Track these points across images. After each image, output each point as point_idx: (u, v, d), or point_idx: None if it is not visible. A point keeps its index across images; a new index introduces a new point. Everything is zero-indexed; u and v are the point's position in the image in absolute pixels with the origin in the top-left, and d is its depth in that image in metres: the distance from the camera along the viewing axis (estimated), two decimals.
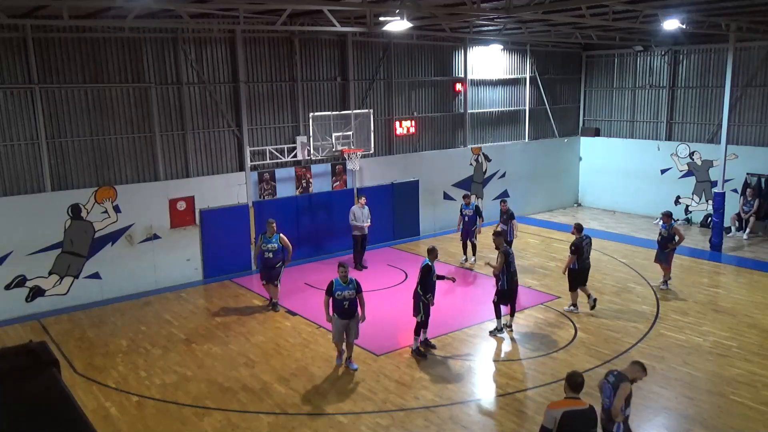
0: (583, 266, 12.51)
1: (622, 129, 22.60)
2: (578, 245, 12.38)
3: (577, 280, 12.58)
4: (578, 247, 12.37)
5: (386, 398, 9.41)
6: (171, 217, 14.86)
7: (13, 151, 13.01)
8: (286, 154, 16.26)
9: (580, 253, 12.41)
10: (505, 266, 11.49)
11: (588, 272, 12.73)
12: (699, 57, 20.29)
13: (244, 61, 15.53)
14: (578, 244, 12.39)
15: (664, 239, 13.86)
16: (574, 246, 12.42)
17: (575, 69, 23.24)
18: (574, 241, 12.50)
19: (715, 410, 8.95)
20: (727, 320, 12.25)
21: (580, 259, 12.42)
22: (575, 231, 12.63)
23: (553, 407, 6.28)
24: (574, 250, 12.38)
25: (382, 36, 17.52)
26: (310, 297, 13.99)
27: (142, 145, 14.47)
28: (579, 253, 12.38)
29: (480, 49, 20.25)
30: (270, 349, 11.28)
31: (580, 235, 12.51)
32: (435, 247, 11.26)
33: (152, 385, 9.99)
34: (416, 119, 18.98)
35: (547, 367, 10.32)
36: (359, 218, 15.66)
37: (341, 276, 10.10)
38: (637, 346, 11.07)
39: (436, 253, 11.07)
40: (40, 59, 13.02)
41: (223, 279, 15.32)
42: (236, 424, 8.80)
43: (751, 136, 19.20)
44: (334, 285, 10.10)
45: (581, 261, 12.44)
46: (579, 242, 12.41)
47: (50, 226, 13.34)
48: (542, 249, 17.77)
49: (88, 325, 12.64)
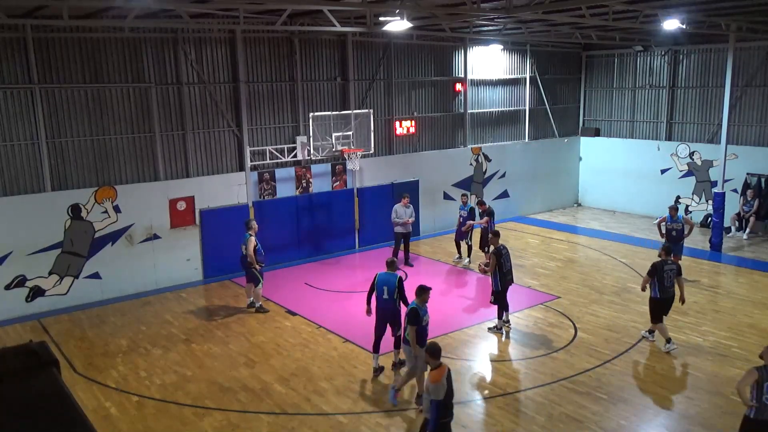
0: (666, 295, 10.84)
1: (622, 129, 22.60)
2: (658, 267, 10.76)
3: (659, 310, 10.93)
4: (657, 268, 10.75)
5: (386, 398, 9.40)
6: (171, 217, 14.86)
7: (13, 151, 13.01)
8: (286, 154, 16.26)
9: (660, 277, 10.74)
10: (498, 267, 11.50)
11: (671, 304, 11.01)
12: (699, 57, 20.29)
13: (244, 61, 15.53)
14: (658, 267, 10.76)
15: (678, 232, 14.23)
16: (652, 267, 10.85)
17: (575, 69, 23.25)
18: (655, 262, 10.92)
19: (715, 410, 8.94)
20: (727, 320, 12.26)
21: (662, 286, 10.77)
22: (663, 252, 11.05)
23: (438, 379, 6.95)
24: (651, 271, 10.79)
25: (382, 36, 17.52)
26: (310, 297, 14.00)
27: (142, 145, 14.47)
28: (659, 277, 10.73)
29: (480, 49, 20.25)
30: (270, 349, 11.28)
31: (665, 258, 10.88)
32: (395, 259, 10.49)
33: (152, 385, 9.99)
34: (416, 119, 18.98)
35: (547, 367, 10.32)
36: (401, 216, 15.80)
37: (423, 300, 8.99)
38: (637, 346, 11.08)
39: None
40: (40, 59, 13.02)
41: (223, 279, 15.32)
42: (236, 424, 8.80)
43: (751, 136, 19.20)
44: (419, 311, 8.89)
45: (662, 288, 10.78)
46: (660, 265, 10.78)
47: (50, 226, 13.34)
48: (542, 249, 17.77)
49: (88, 325, 12.65)
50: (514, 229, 19.92)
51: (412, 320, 8.85)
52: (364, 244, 18.08)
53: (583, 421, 8.69)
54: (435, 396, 6.91)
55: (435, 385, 6.93)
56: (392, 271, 10.11)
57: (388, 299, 9.95)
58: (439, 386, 6.91)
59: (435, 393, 6.91)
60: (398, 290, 9.87)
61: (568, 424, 8.63)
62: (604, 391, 9.48)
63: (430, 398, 6.96)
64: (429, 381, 7.04)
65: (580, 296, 13.71)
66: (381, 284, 10.00)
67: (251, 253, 12.66)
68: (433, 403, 6.92)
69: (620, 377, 9.95)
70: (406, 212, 15.93)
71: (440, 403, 6.91)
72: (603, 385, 9.67)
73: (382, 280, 10.00)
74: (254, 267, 12.79)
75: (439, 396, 6.90)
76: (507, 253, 11.77)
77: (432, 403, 6.94)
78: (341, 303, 13.63)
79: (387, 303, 9.98)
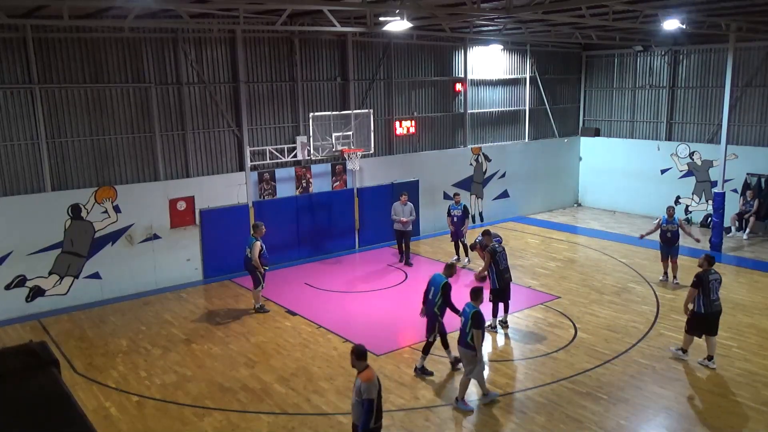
0: (712, 309, 10.06)
1: (622, 129, 22.60)
2: (703, 278, 10.03)
3: (700, 325, 10.17)
4: (702, 279, 10.02)
5: (386, 398, 9.37)
6: (171, 217, 14.86)
7: (13, 151, 13.01)
8: (286, 154, 16.26)
9: (706, 289, 10.03)
10: (494, 265, 11.52)
11: (718, 319, 10.18)
12: (699, 57, 20.29)
13: (244, 61, 15.53)
14: (703, 278, 10.04)
15: (673, 234, 14.15)
16: (696, 278, 10.07)
17: (575, 69, 23.25)
18: (698, 273, 10.14)
19: (715, 410, 8.95)
20: (727, 320, 12.22)
21: (707, 299, 10.02)
22: (705, 262, 10.28)
23: (371, 378, 6.69)
24: (696, 282, 10.03)
25: (382, 36, 17.52)
26: (310, 297, 14.00)
27: (142, 145, 14.47)
28: (704, 289, 10.03)
29: (480, 49, 20.25)
30: (270, 349, 11.28)
31: (708, 268, 10.18)
32: (454, 264, 10.70)
33: (152, 385, 9.99)
34: (416, 119, 18.98)
35: (547, 367, 10.32)
36: (399, 214, 15.98)
37: (481, 302, 9.11)
38: (637, 346, 11.08)
39: (455, 269, 10.14)
40: (40, 59, 13.02)
41: (223, 279, 15.32)
42: (236, 424, 8.80)
43: (751, 136, 19.20)
44: (482, 314, 9.03)
45: (708, 301, 10.03)
46: (704, 276, 10.05)
47: (50, 226, 13.34)
48: (542, 249, 17.77)
49: (88, 325, 12.65)
50: (514, 229, 19.92)
51: (478, 323, 8.75)
52: (364, 244, 18.08)
53: (583, 421, 8.69)
54: (368, 395, 6.61)
55: (368, 384, 6.63)
56: (445, 275, 10.14)
57: (431, 300, 10.05)
58: (372, 385, 6.64)
59: (368, 392, 6.61)
60: (441, 294, 9.87)
61: (568, 424, 8.63)
62: (604, 391, 9.48)
63: (362, 399, 6.62)
64: (361, 380, 6.67)
65: (580, 296, 13.71)
66: (431, 284, 10.21)
67: (256, 258, 12.66)
68: (367, 402, 6.60)
69: (620, 377, 9.95)
70: (404, 210, 16.03)
71: (373, 402, 6.62)
72: (603, 385, 9.67)
73: (433, 281, 10.21)
74: (259, 271, 12.79)
75: (372, 395, 6.62)
76: (503, 252, 11.78)
77: (365, 403, 6.61)
78: (341, 303, 13.64)
79: (430, 304, 10.07)
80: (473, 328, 8.79)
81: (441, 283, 9.96)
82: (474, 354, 8.85)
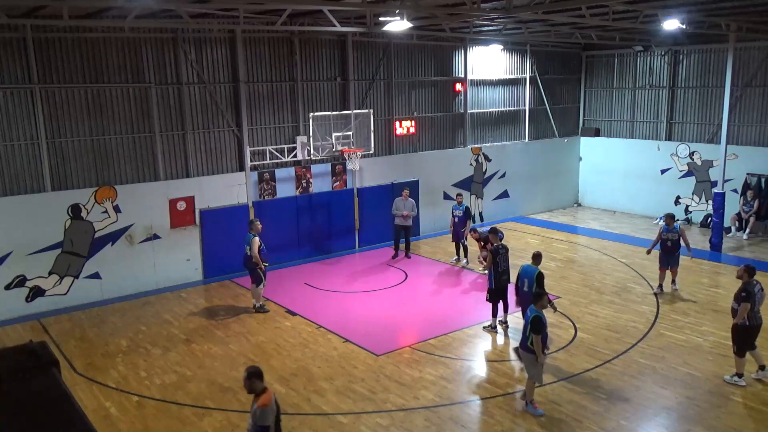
0: (756, 322, 9.60)
1: (622, 129, 22.59)
2: (750, 291, 9.54)
3: (748, 340, 9.66)
4: (750, 293, 9.52)
5: (386, 398, 9.41)
6: (171, 217, 14.86)
7: (13, 151, 13.01)
8: (286, 154, 16.26)
9: (753, 301, 9.52)
10: (493, 265, 11.53)
11: (759, 331, 9.72)
12: (699, 57, 20.28)
13: (244, 61, 15.53)
14: (750, 290, 9.55)
15: (674, 243, 13.43)
16: (745, 292, 9.53)
17: (575, 69, 23.24)
18: (744, 286, 9.61)
19: (715, 410, 8.94)
20: (728, 320, 12.11)
21: (752, 312, 9.55)
22: (745, 273, 9.71)
23: (267, 403, 6.27)
24: (747, 296, 9.48)
25: (382, 36, 17.52)
26: (310, 297, 14.00)
27: (142, 145, 14.47)
28: (752, 301, 9.51)
29: (480, 49, 20.25)
30: (270, 349, 11.28)
31: (749, 279, 9.65)
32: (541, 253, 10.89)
33: (152, 385, 9.99)
34: (416, 119, 18.98)
35: (547, 367, 10.27)
36: (400, 209, 16.24)
37: (542, 305, 8.84)
38: (637, 346, 11.08)
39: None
40: (40, 59, 13.02)
41: (223, 279, 15.32)
42: (236, 424, 8.80)
43: (751, 136, 19.19)
44: (543, 319, 8.71)
45: (752, 313, 9.57)
46: (752, 287, 9.59)
47: (50, 226, 13.34)
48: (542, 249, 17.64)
49: (88, 325, 12.65)
50: (514, 229, 19.92)
51: (537, 328, 8.64)
52: (364, 244, 18.08)
53: (583, 421, 8.69)
54: (262, 422, 6.18)
55: (263, 409, 6.20)
56: (535, 265, 10.70)
57: (528, 291, 10.51)
58: (268, 410, 6.24)
59: (263, 418, 6.19)
60: (537, 284, 10.41)
61: (568, 424, 8.63)
62: (604, 391, 9.48)
63: (257, 425, 6.21)
64: (257, 405, 6.24)
65: (580, 296, 13.71)
66: (523, 276, 10.79)
67: (256, 254, 12.66)
68: (260, 430, 6.19)
69: (620, 377, 9.95)
70: (405, 205, 16.22)
71: (267, 429, 6.22)
72: (603, 385, 9.67)
73: (524, 272, 10.80)
74: (260, 267, 12.79)
75: (266, 422, 6.21)
76: (505, 254, 11.78)
77: (258, 430, 6.21)
78: (341, 303, 13.64)
79: (527, 295, 10.50)
80: (532, 333, 8.65)
81: (535, 274, 10.53)
82: (534, 357, 8.76)
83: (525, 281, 10.74)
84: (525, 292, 10.64)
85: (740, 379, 9.67)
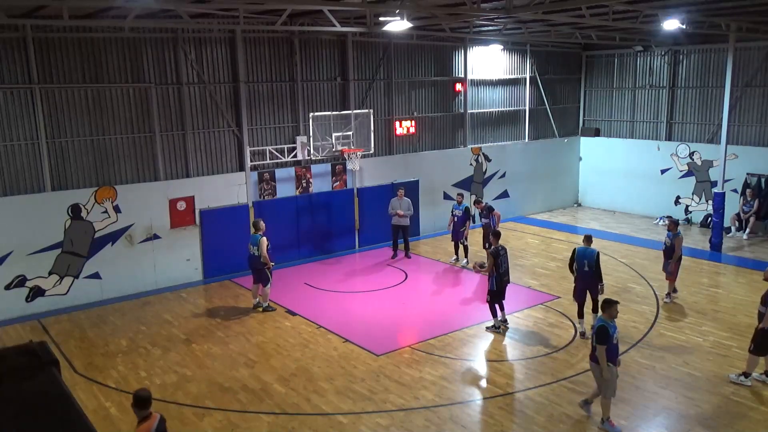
0: None
1: (622, 129, 22.59)
2: None
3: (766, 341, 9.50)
4: None
5: (386, 398, 9.41)
6: (171, 217, 14.86)
7: (13, 151, 13.01)
8: (286, 154, 16.26)
9: None
10: (495, 267, 11.51)
11: None
12: (699, 57, 20.28)
13: (244, 61, 15.53)
14: None
15: (668, 249, 13.12)
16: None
17: (575, 69, 23.24)
18: None
19: (715, 410, 8.94)
20: (727, 320, 12.25)
21: None
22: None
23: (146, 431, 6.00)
24: None
25: (382, 36, 17.51)
26: (310, 297, 14.00)
27: (142, 145, 14.47)
28: None
29: (480, 49, 20.25)
30: (270, 349, 11.28)
31: None
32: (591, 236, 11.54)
33: (152, 385, 9.98)
34: (416, 119, 18.98)
35: (547, 367, 10.32)
36: (396, 208, 16.32)
37: (611, 315, 8.33)
38: (637, 346, 11.08)
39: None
40: (40, 59, 13.02)
41: (223, 279, 15.32)
42: (236, 424, 8.80)
43: (751, 136, 19.20)
44: (609, 329, 8.19)
45: None
46: None
47: (50, 226, 13.34)
48: (542, 249, 17.77)
49: (88, 325, 12.65)
50: (514, 229, 19.92)
51: (602, 339, 8.16)
52: (364, 244, 18.08)
53: (583, 421, 8.69)
54: None
55: None
56: (588, 245, 11.32)
57: (588, 271, 11.21)
58: None
59: None
60: (596, 264, 11.13)
61: (568, 424, 8.63)
62: None
63: None
64: None
65: None
66: (580, 258, 11.31)
67: (265, 254, 12.67)
68: None
69: (620, 377, 9.91)
70: (401, 204, 16.24)
71: None
72: None
73: (581, 254, 11.33)
74: (268, 267, 12.79)
75: None
76: (505, 254, 11.77)
77: None
78: (341, 303, 13.64)
79: (587, 275, 11.24)
80: (597, 344, 8.24)
81: (594, 255, 11.16)
82: (600, 369, 8.30)
83: (585, 262, 11.25)
84: (585, 272, 11.25)
85: (746, 379, 9.60)
